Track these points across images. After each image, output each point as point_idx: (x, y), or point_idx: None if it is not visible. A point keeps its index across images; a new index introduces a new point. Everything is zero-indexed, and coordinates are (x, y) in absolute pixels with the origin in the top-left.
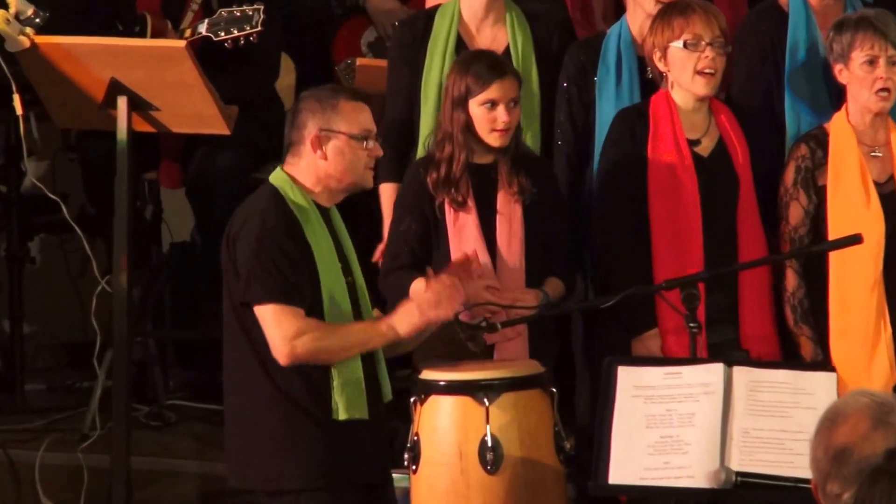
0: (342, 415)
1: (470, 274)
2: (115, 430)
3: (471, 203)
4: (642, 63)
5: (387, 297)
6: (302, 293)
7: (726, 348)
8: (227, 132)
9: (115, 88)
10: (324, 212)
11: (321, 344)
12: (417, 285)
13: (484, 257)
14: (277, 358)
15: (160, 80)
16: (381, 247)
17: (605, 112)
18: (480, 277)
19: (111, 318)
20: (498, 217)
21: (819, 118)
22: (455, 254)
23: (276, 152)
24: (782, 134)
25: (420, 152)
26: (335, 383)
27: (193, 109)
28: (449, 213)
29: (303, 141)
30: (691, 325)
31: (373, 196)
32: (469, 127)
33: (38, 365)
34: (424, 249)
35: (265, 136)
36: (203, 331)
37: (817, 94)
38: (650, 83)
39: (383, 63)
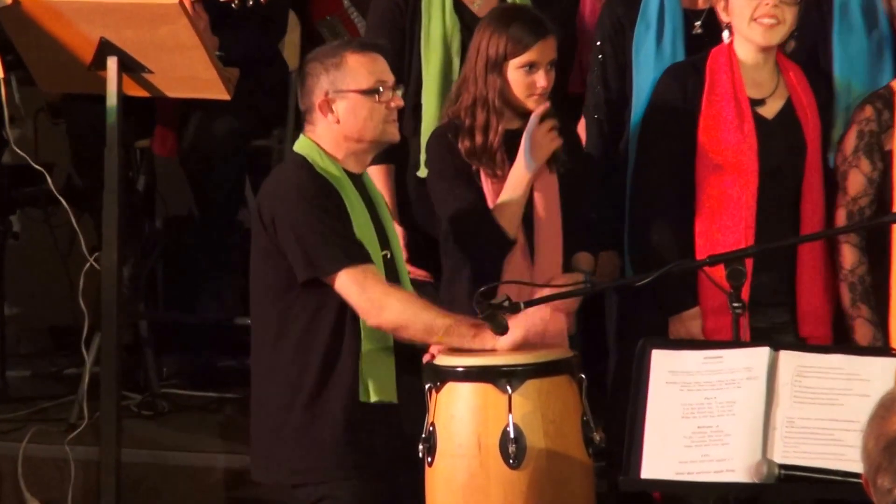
0: (372, 397)
1: None
2: (104, 420)
3: (506, 174)
4: (688, 18)
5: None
6: (365, 249)
7: (774, 333)
8: (227, 97)
9: (105, 49)
10: (356, 179)
11: (409, 315)
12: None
13: (520, 235)
14: (367, 320)
15: (153, 39)
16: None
17: (644, 75)
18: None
19: (100, 299)
20: (535, 190)
21: (873, 77)
22: None
23: (280, 117)
24: (830, 93)
25: (432, 126)
26: (363, 366)
27: (190, 72)
28: (486, 184)
29: (313, 107)
30: (735, 304)
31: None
32: (504, 91)
33: (21, 350)
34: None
35: (268, 100)
36: (200, 313)
37: (872, 50)
38: (696, 41)
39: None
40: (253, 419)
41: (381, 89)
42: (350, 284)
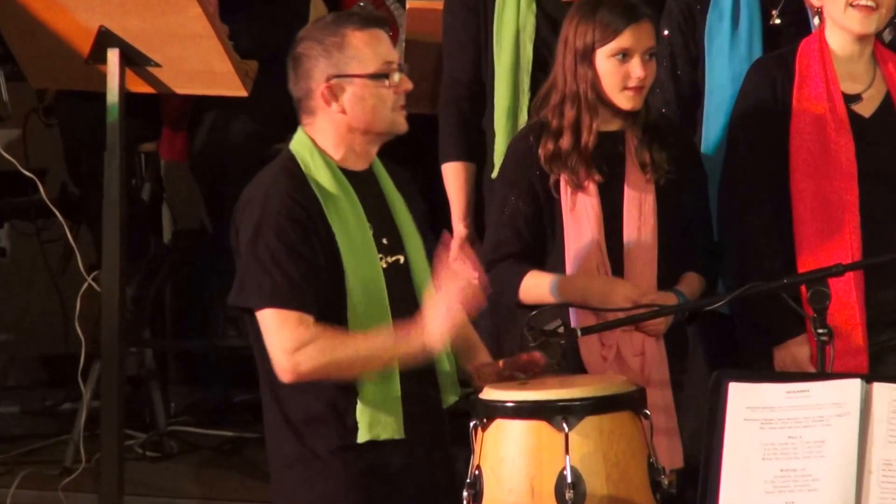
0: (362, 436)
1: None
2: (103, 463)
3: (592, 184)
4: (765, 6)
5: (492, 296)
6: (308, 294)
7: (884, 355)
8: (243, 93)
9: (105, 39)
10: (357, 178)
11: (328, 357)
12: (532, 280)
13: (603, 252)
14: (278, 374)
15: (160, 29)
16: (452, 241)
17: (717, 68)
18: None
19: (99, 325)
20: (625, 200)
21: None
22: (571, 247)
23: None
24: None
25: (502, 120)
26: (359, 401)
27: (202, 65)
28: (565, 194)
29: (311, 95)
30: (819, 331)
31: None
32: (596, 85)
33: (10, 382)
34: (535, 235)
35: (289, 97)
36: (213, 340)
37: None
38: (774, 32)
39: (438, 5)
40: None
41: (389, 73)
42: (269, 326)
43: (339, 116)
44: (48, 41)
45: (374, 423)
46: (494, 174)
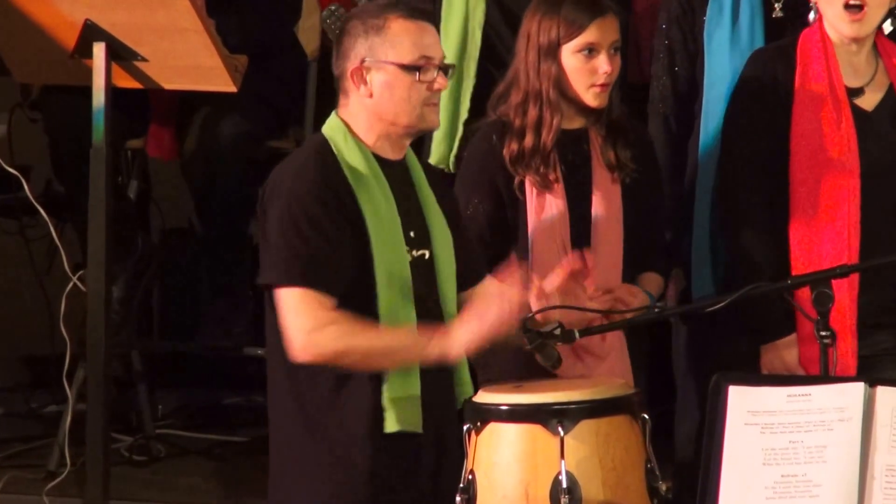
0: (390, 426)
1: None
2: (89, 466)
3: (558, 182)
4: None
5: None
6: (331, 276)
7: (879, 362)
8: (233, 89)
9: (91, 33)
10: (391, 167)
11: (345, 343)
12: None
13: (568, 250)
14: (292, 352)
15: (148, 22)
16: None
17: (716, 63)
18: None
19: (84, 325)
20: (594, 200)
21: None
22: (536, 248)
23: (297, 114)
24: None
25: (443, 105)
26: (385, 391)
27: (190, 60)
28: (530, 195)
29: (345, 74)
30: (822, 333)
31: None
32: (560, 82)
33: None
34: (497, 236)
35: (283, 94)
36: (202, 342)
37: None
38: (776, 25)
39: None
40: (271, 454)
41: (424, 66)
42: (289, 305)
43: (367, 101)
44: (33, 35)
45: (400, 414)
46: (432, 159)
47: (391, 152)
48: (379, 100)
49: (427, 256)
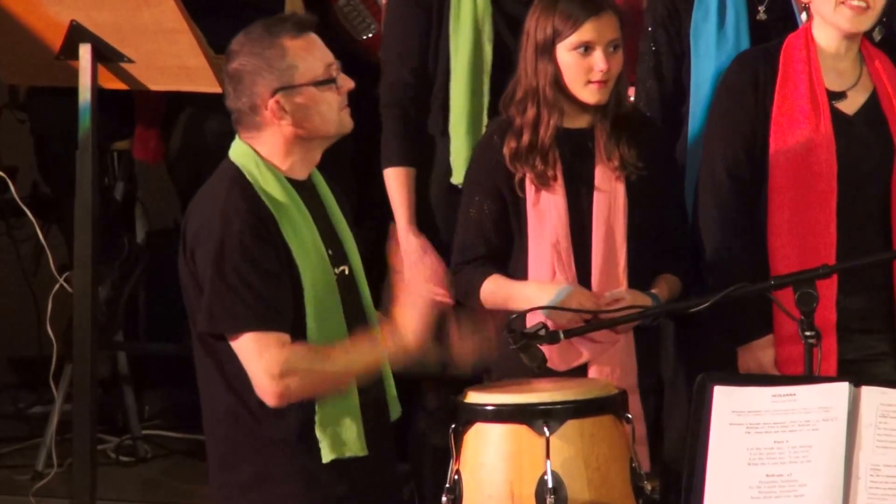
0: (327, 455)
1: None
2: (76, 467)
3: (559, 179)
4: (752, 2)
5: (457, 298)
6: (282, 313)
7: (868, 366)
8: (218, 89)
9: (77, 34)
10: (301, 187)
11: (316, 376)
12: (490, 284)
13: (569, 251)
14: (264, 398)
15: (133, 23)
16: (396, 245)
17: (703, 65)
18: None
19: (71, 326)
20: (595, 199)
21: None
22: (534, 246)
23: None
24: None
25: (462, 124)
26: (318, 418)
27: (176, 61)
28: (530, 192)
29: (257, 111)
30: (807, 333)
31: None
32: (558, 80)
33: None
34: (501, 236)
35: None
36: (187, 343)
37: None
38: (761, 28)
39: None
40: (210, 472)
41: (333, 76)
42: (248, 352)
43: (290, 128)
44: (19, 35)
45: (335, 441)
46: (454, 179)
47: (301, 172)
48: (302, 122)
49: (347, 272)
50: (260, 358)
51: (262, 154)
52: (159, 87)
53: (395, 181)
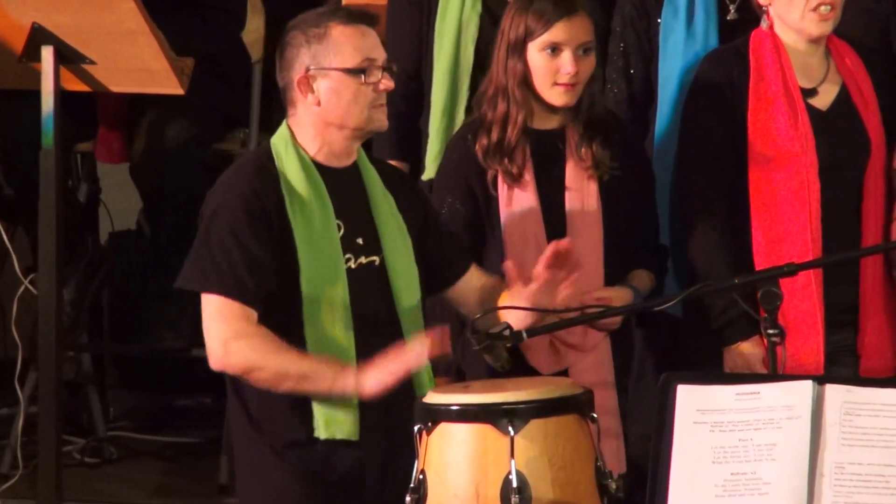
0: (321, 433)
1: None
2: (41, 469)
3: (528, 176)
4: (721, 1)
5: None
6: (252, 291)
7: (840, 357)
8: (180, 91)
9: (39, 36)
10: (335, 174)
11: (258, 359)
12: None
13: (543, 248)
14: (209, 360)
15: (95, 25)
16: None
17: (671, 65)
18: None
19: (36, 329)
20: (566, 198)
21: None
22: (509, 242)
23: (243, 117)
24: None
25: (437, 120)
26: (317, 402)
27: (138, 63)
28: (502, 190)
29: (291, 84)
30: (770, 332)
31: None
32: (527, 79)
33: None
34: (474, 236)
35: (229, 98)
36: (152, 344)
37: None
38: (731, 28)
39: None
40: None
41: (368, 69)
42: (211, 312)
43: (315, 109)
44: None
45: (330, 421)
46: (426, 175)
47: (337, 159)
48: (327, 106)
49: (377, 262)
50: (217, 321)
51: (297, 136)
52: (121, 88)
53: None
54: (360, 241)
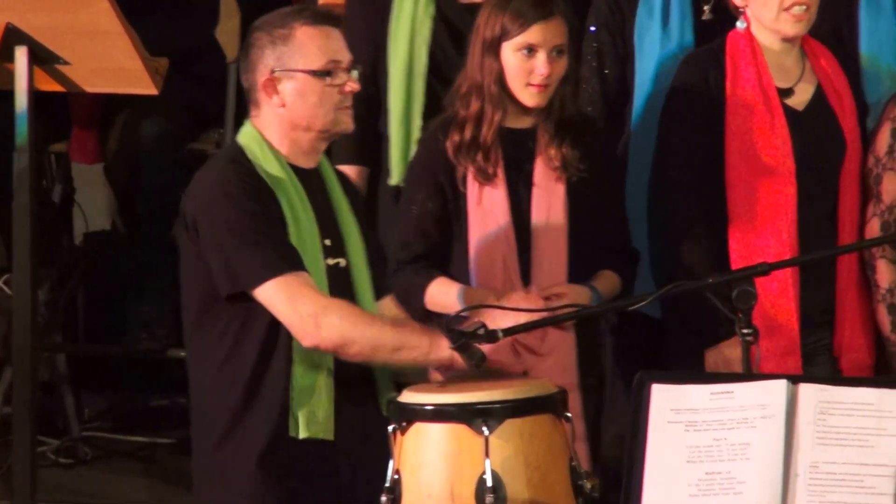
0: (300, 432)
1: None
2: (16, 469)
3: (500, 176)
4: (696, 1)
5: (397, 298)
6: (299, 257)
7: (817, 357)
8: (154, 91)
9: (12, 36)
10: (306, 176)
11: (351, 330)
12: (438, 287)
13: (511, 247)
14: (301, 339)
15: (69, 25)
16: None
17: (646, 65)
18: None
19: (10, 329)
20: (533, 197)
21: None
22: (475, 240)
23: (217, 116)
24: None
25: (396, 126)
26: (294, 395)
27: (112, 63)
28: (472, 188)
29: (256, 86)
30: (744, 331)
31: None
32: (502, 78)
33: None
34: (443, 234)
35: (203, 97)
36: (127, 345)
37: None
38: (706, 27)
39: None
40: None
41: (333, 71)
42: (278, 297)
43: (280, 110)
44: None
45: (310, 421)
46: (392, 181)
47: (304, 160)
48: (292, 107)
49: (343, 265)
50: (294, 300)
51: (265, 135)
52: (95, 89)
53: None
54: (328, 242)
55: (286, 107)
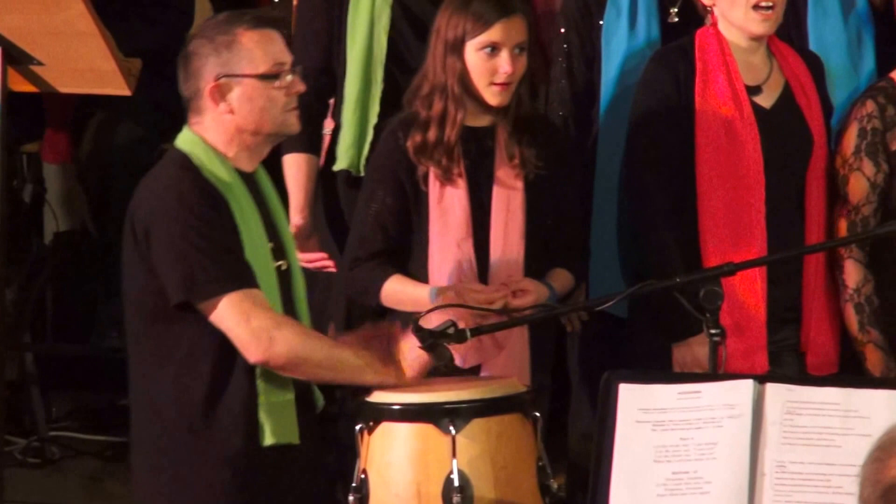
0: (267, 439)
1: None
2: None
3: (461, 174)
4: (663, 2)
5: (352, 295)
6: (253, 273)
7: (783, 355)
8: (127, 92)
9: None
10: (248, 179)
11: (304, 348)
12: (393, 284)
13: (469, 245)
14: (249, 356)
15: (43, 26)
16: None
17: (613, 66)
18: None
19: None
20: (494, 195)
21: (853, 65)
22: (436, 240)
23: None
24: None
25: (350, 111)
26: (261, 404)
27: (86, 63)
28: (433, 187)
29: (200, 94)
30: (712, 331)
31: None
32: (465, 78)
33: None
34: (402, 232)
35: (177, 98)
36: (95, 344)
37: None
38: (673, 29)
39: None
40: (132, 458)
41: (279, 73)
42: (231, 313)
43: (227, 117)
44: None
45: (277, 426)
46: (337, 166)
47: (248, 164)
48: (240, 113)
49: (284, 267)
50: (244, 316)
51: (209, 141)
52: (69, 89)
53: (294, 166)
54: (272, 245)
55: (234, 112)
